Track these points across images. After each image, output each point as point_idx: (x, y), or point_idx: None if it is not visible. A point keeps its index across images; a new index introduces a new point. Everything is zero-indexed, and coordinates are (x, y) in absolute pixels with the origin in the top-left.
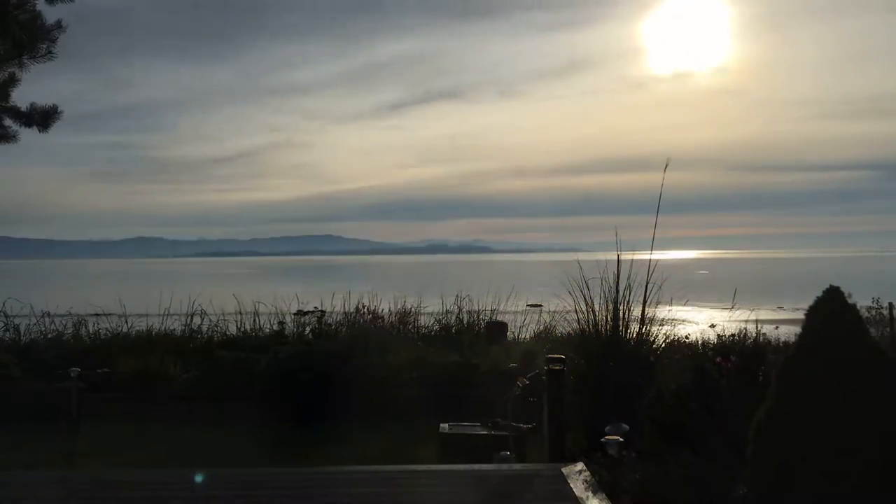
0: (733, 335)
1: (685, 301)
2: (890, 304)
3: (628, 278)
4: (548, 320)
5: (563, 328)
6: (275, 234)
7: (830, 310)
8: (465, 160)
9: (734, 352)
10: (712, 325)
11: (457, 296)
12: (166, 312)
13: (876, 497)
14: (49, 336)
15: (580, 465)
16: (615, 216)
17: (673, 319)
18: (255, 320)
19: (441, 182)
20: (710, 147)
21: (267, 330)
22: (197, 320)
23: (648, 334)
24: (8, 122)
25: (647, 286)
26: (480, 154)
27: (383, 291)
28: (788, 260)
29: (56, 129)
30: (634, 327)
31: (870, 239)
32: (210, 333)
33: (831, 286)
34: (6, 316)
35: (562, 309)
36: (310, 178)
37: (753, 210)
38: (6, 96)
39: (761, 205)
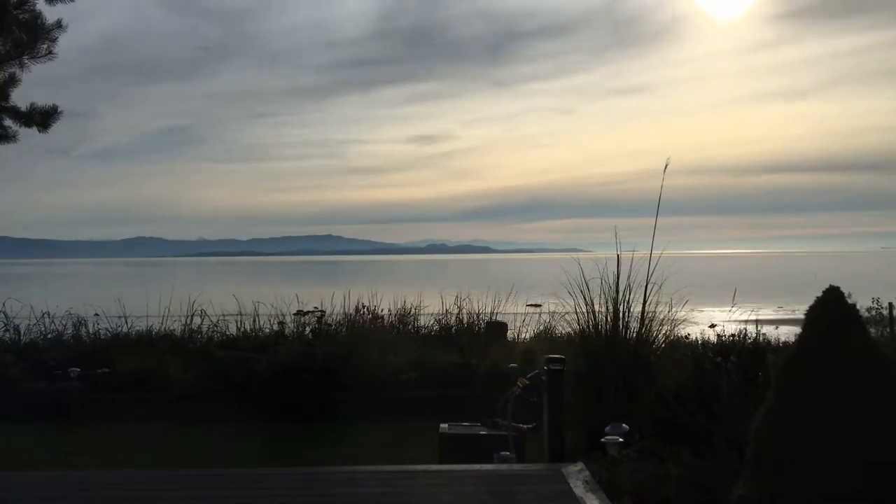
0: (733, 335)
1: (685, 301)
2: (890, 304)
3: (628, 278)
4: (548, 320)
5: (563, 328)
6: (275, 234)
7: (830, 310)
8: (647, 160)
9: (734, 352)
10: (712, 325)
11: (457, 296)
12: (166, 313)
13: (876, 497)
14: (49, 336)
15: (580, 465)
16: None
17: (673, 319)
18: (255, 320)
19: (590, 181)
20: None
21: (267, 330)
22: (197, 320)
23: (648, 334)
24: (8, 122)
25: (647, 286)
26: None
27: (383, 291)
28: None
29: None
30: (634, 327)
31: None
32: (210, 333)
33: (831, 286)
34: (6, 316)
35: (562, 309)
36: (459, 176)
37: None
38: (6, 96)
39: None
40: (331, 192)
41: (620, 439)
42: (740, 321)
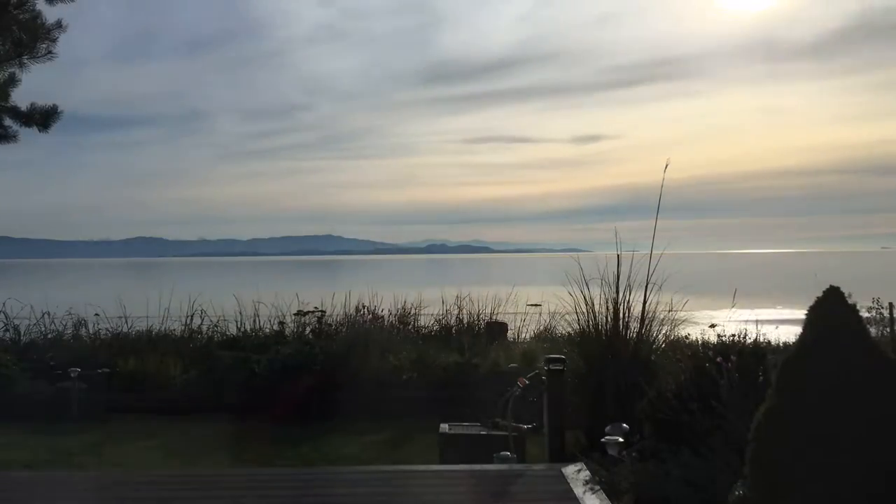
0: (733, 335)
1: (685, 301)
2: (890, 304)
3: (628, 278)
4: (548, 320)
5: (563, 328)
6: (275, 234)
7: (830, 310)
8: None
9: (734, 352)
10: (712, 325)
11: (457, 296)
12: (166, 313)
13: (876, 497)
14: (49, 336)
15: (580, 465)
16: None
17: (673, 319)
18: (255, 321)
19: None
20: None
21: (267, 330)
22: (197, 321)
23: (648, 334)
24: (8, 122)
25: (646, 286)
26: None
27: (383, 291)
28: None
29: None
30: (634, 327)
31: None
32: (210, 334)
33: (831, 286)
34: (6, 316)
35: (562, 309)
36: (573, 176)
37: None
38: (6, 96)
39: None
40: (428, 189)
41: (620, 439)
42: (740, 321)
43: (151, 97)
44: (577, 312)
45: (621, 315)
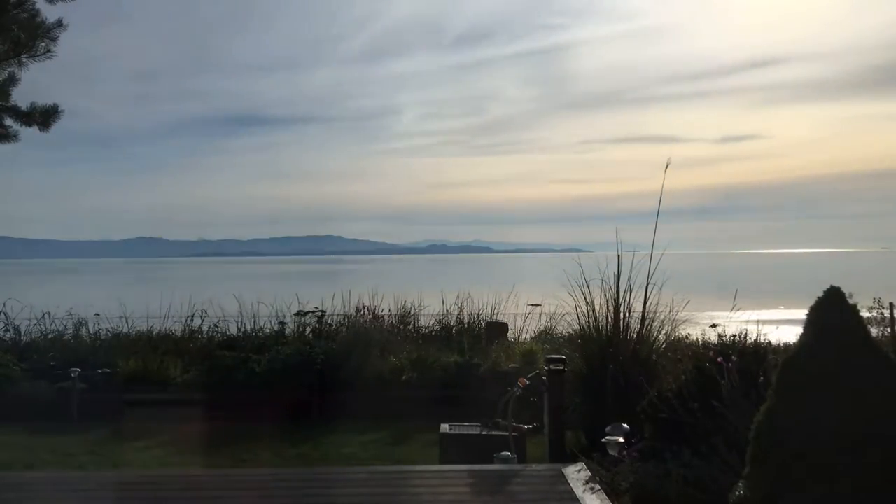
0: (734, 335)
1: (686, 302)
2: (891, 304)
3: (629, 278)
4: (548, 320)
5: (563, 328)
6: (276, 234)
7: (831, 310)
8: None
9: (735, 352)
10: (713, 325)
11: (457, 296)
12: (166, 313)
13: (876, 497)
14: (49, 336)
15: (580, 465)
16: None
17: (674, 319)
18: (255, 321)
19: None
20: None
21: (267, 330)
22: (197, 321)
23: (649, 334)
24: (8, 121)
25: (647, 286)
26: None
27: (383, 291)
28: None
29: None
30: (635, 327)
31: None
32: (210, 334)
33: (832, 286)
34: (7, 316)
35: (562, 309)
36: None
37: None
38: (6, 96)
39: None
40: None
41: (621, 439)
42: (741, 321)
43: (348, 96)
44: (577, 313)
45: (622, 315)
